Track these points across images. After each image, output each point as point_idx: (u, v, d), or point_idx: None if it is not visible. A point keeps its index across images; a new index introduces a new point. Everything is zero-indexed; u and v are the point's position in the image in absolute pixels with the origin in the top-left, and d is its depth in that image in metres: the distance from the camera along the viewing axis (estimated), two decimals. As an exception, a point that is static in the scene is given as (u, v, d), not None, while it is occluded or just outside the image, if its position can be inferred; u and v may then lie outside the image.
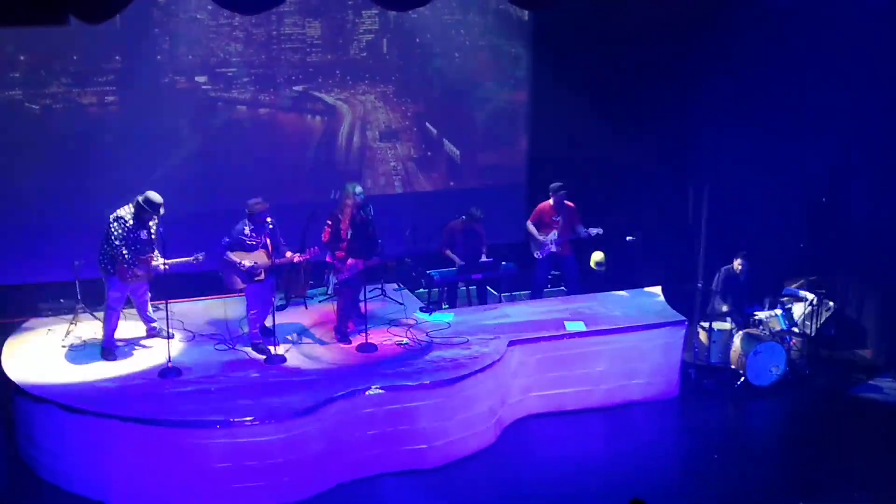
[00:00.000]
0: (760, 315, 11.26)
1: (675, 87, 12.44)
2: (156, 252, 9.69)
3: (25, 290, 11.54)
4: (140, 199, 9.55)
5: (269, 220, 9.77)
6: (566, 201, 11.68)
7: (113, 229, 9.52)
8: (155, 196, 9.59)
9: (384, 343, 10.17)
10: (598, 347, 10.42)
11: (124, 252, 9.50)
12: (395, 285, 11.70)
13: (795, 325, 11.29)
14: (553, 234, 11.68)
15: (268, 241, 9.73)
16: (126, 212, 9.57)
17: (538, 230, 11.81)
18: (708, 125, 12.26)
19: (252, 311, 9.84)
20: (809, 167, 11.96)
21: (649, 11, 11.93)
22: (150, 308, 10.09)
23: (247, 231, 9.74)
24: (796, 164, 12.02)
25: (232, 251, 9.71)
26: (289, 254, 9.91)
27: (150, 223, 9.67)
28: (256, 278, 9.73)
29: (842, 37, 11.32)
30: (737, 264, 11.33)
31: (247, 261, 9.69)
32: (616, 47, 12.46)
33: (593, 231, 11.56)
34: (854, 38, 11.26)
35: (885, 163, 11.49)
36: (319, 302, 11.23)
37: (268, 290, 9.93)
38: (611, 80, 12.65)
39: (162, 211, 9.59)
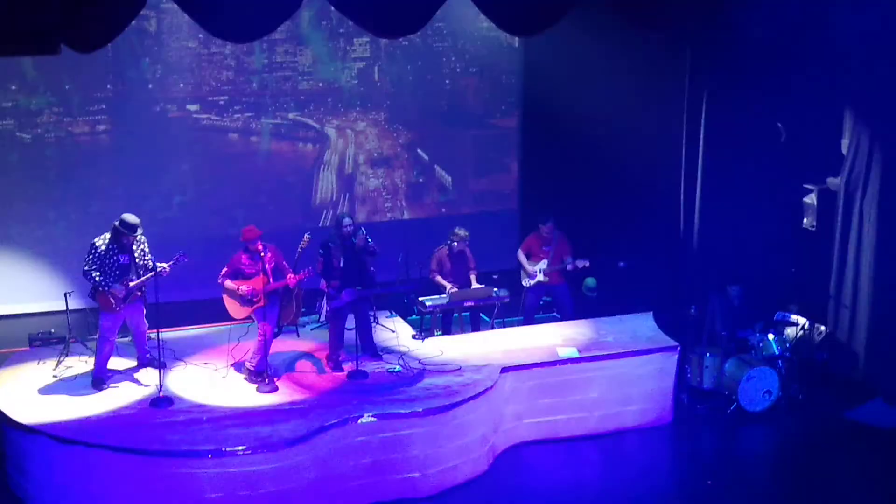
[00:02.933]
0: (752, 340, 11.25)
1: (666, 112, 12.49)
2: (133, 276, 9.65)
3: (16, 319, 11.51)
4: (116, 222, 9.56)
5: (259, 246, 9.77)
6: (557, 231, 11.71)
7: (86, 258, 9.52)
8: (130, 217, 9.59)
9: (376, 371, 10.15)
10: (591, 374, 10.41)
11: (95, 276, 9.48)
12: (387, 312, 11.69)
13: (788, 349, 11.29)
14: (542, 264, 11.71)
15: (267, 267, 9.74)
16: (100, 238, 9.58)
17: (528, 259, 11.83)
18: (699, 150, 12.30)
19: (261, 337, 9.81)
20: (801, 191, 12.00)
21: (640, 36, 11.98)
22: (146, 338, 10.05)
23: (244, 260, 9.77)
24: (787, 189, 12.06)
25: (232, 280, 9.74)
26: (289, 276, 9.93)
27: (133, 247, 9.65)
28: (256, 304, 9.76)
29: (831, 63, 11.39)
30: (733, 292, 11.35)
31: (244, 287, 9.72)
32: (606, 73, 12.51)
33: (580, 263, 11.60)
34: (844, 64, 11.33)
35: (875, 185, 11.52)
36: (311, 330, 11.22)
37: (272, 315, 9.93)
38: (601, 106, 12.69)
39: (140, 231, 9.58)
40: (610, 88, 12.54)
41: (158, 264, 9.60)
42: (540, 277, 11.71)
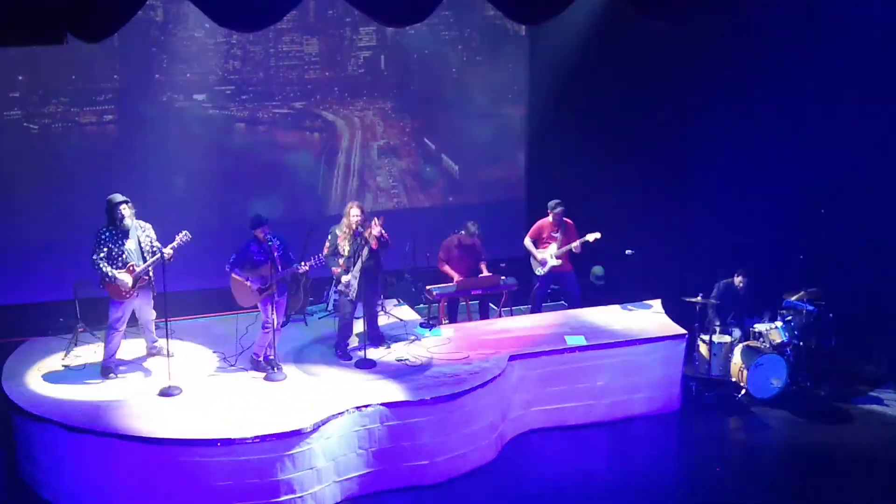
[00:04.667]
0: (760, 327, 11.25)
1: (672, 100, 12.47)
2: (139, 262, 9.64)
3: (25, 309, 11.55)
4: (106, 207, 9.55)
5: (267, 235, 9.76)
6: (565, 218, 11.68)
7: (93, 248, 9.53)
8: (113, 195, 9.58)
9: (384, 359, 10.16)
10: (599, 361, 10.41)
11: (102, 266, 9.49)
12: (394, 301, 11.70)
13: (796, 337, 11.28)
14: (552, 249, 11.67)
15: (275, 254, 9.74)
16: (103, 227, 9.58)
17: (536, 246, 11.80)
18: (706, 137, 12.28)
19: (266, 327, 9.82)
20: (808, 178, 11.99)
21: (645, 25, 11.95)
22: (153, 326, 10.08)
23: (252, 248, 9.77)
24: (795, 176, 12.04)
25: (241, 268, 9.74)
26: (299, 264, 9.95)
27: (139, 233, 9.65)
28: (266, 293, 9.75)
29: (837, 50, 11.36)
30: (737, 280, 11.35)
31: (254, 277, 9.71)
32: (612, 60, 12.50)
33: (591, 237, 11.51)
34: (850, 50, 11.29)
35: (883, 173, 11.51)
36: (319, 318, 11.23)
37: (280, 304, 9.95)
38: (607, 94, 12.69)
39: (124, 203, 9.51)
40: (616, 76, 12.52)
41: (161, 248, 9.61)
42: (553, 262, 11.64)
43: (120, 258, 9.57)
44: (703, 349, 11.26)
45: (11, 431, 9.32)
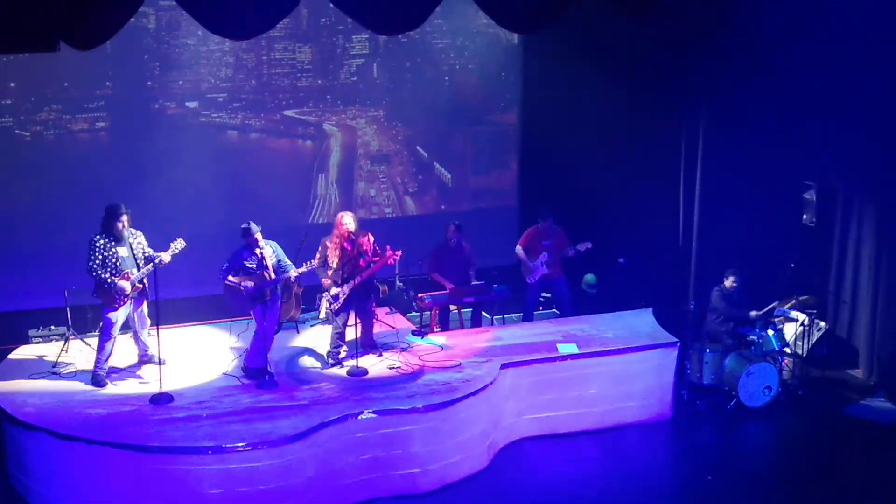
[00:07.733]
0: (752, 336, 11.27)
1: (664, 109, 12.50)
2: (133, 269, 9.63)
3: (16, 316, 11.52)
4: (103, 215, 9.54)
5: (259, 243, 9.75)
6: (555, 225, 11.70)
7: (88, 256, 9.51)
8: (115, 204, 9.57)
9: (376, 367, 10.15)
10: (591, 370, 10.41)
11: (102, 274, 9.48)
12: (386, 309, 11.69)
13: (787, 345, 11.30)
14: (543, 257, 11.69)
15: (267, 262, 9.73)
16: (97, 235, 9.57)
17: (528, 254, 11.82)
18: (698, 146, 12.31)
19: (258, 335, 9.81)
20: (799, 188, 12.02)
21: (638, 32, 12.00)
22: (146, 333, 10.05)
23: (245, 256, 9.77)
24: (786, 186, 12.07)
25: (234, 276, 9.74)
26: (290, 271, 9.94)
27: (131, 240, 9.64)
28: (258, 301, 9.74)
29: (832, 59, 11.39)
30: (729, 282, 11.37)
31: (248, 282, 9.71)
32: (604, 69, 12.52)
33: (582, 247, 11.54)
34: (844, 59, 11.33)
35: (874, 183, 11.54)
36: (311, 326, 11.22)
37: (274, 312, 9.93)
38: (600, 102, 12.71)
39: (125, 214, 9.51)
40: (609, 85, 12.54)
41: (156, 254, 9.59)
42: (543, 270, 11.65)
43: (114, 266, 9.56)
44: (695, 357, 11.26)
45: (1, 439, 9.28)
